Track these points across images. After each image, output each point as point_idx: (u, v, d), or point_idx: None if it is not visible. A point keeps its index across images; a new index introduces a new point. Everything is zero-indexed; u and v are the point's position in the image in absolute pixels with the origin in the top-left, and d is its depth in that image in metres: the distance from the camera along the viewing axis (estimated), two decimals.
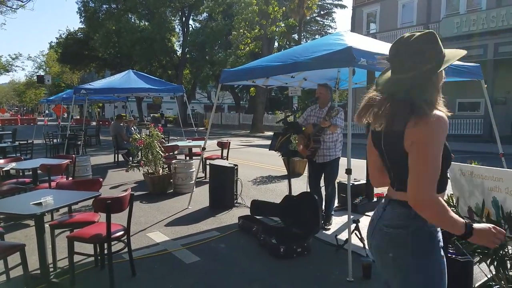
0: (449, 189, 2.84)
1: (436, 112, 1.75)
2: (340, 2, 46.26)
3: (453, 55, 1.83)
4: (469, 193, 2.64)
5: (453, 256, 3.11)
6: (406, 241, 1.76)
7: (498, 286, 2.48)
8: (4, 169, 6.32)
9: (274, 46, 30.39)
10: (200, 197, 7.50)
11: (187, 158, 9.85)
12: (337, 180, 5.86)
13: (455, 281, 3.19)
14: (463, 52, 1.84)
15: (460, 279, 3.22)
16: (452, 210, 2.70)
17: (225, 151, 10.03)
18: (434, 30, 19.98)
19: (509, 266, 2.37)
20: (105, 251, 3.82)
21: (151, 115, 47.80)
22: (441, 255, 1.84)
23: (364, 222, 5.83)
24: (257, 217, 5.84)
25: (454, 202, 2.74)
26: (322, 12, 46.63)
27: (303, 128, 5.66)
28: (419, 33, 1.83)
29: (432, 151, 1.67)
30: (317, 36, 45.03)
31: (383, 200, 1.96)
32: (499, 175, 2.43)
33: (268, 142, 6.21)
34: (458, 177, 2.71)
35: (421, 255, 1.78)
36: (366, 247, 4.49)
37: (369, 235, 2.00)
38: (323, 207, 5.72)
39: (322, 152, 5.48)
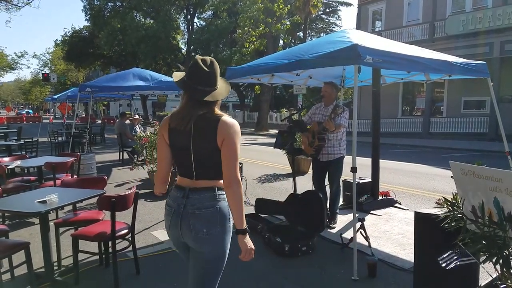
0: (454, 188, 2.83)
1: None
2: (345, 0, 46.01)
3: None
4: (472, 192, 2.62)
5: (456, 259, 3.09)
6: (215, 217, 2.27)
7: (505, 285, 2.46)
8: (9, 167, 6.35)
9: (279, 44, 30.34)
10: None
11: None
12: (342, 178, 5.84)
13: (461, 280, 3.18)
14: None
15: (466, 278, 3.20)
16: (457, 210, 2.70)
17: None
18: (440, 27, 20.05)
19: None
20: (110, 249, 3.83)
21: (156, 113, 47.89)
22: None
23: (370, 220, 5.83)
24: (262, 215, 5.84)
25: (459, 201, 2.72)
26: (327, 10, 46.47)
27: (308, 127, 5.64)
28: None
29: None
30: (322, 34, 44.91)
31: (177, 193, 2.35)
32: (499, 175, 2.41)
33: (273, 140, 6.19)
34: (461, 177, 2.69)
35: (225, 227, 2.37)
36: (372, 245, 4.49)
37: (173, 225, 2.33)
38: (328, 205, 5.70)
39: (326, 150, 5.46)
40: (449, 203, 2.76)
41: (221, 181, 2.22)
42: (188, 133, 2.21)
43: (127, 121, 13.17)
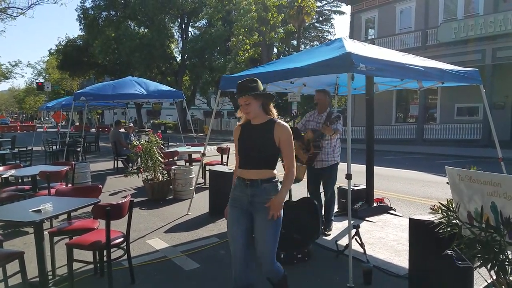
0: (448, 194, 2.85)
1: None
2: (338, 9, 46.36)
3: None
4: (468, 198, 2.63)
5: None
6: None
7: None
8: (3, 176, 6.31)
9: (273, 52, 30.48)
10: (200, 203, 7.49)
11: (187, 164, 9.85)
12: (337, 185, 5.86)
13: (456, 286, 3.19)
14: None
15: (460, 284, 3.21)
16: (452, 215, 2.71)
17: (225, 157, 10.02)
18: (432, 35, 20.21)
19: (509, 271, 2.36)
20: (105, 259, 3.81)
21: (151, 121, 47.82)
22: None
23: (365, 227, 5.84)
24: None
25: (454, 207, 2.73)
26: (321, 18, 46.80)
27: (302, 134, 5.66)
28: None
29: None
30: (315, 42, 45.18)
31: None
32: (497, 180, 2.43)
33: None
34: (457, 182, 2.71)
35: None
36: (367, 252, 4.49)
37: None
38: (323, 212, 5.70)
39: (320, 157, 5.48)
40: (444, 209, 2.78)
41: None
42: None
43: (122, 130, 13.13)
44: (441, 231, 2.71)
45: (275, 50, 32.25)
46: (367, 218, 6.36)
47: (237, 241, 3.08)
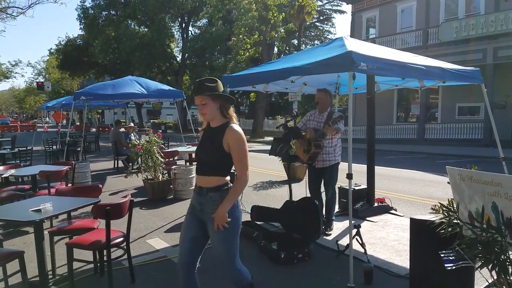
0: (449, 194, 2.84)
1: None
2: (339, 8, 46.31)
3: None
4: (469, 198, 2.62)
5: (453, 261, 3.09)
6: None
7: None
8: (3, 176, 6.31)
9: (274, 52, 30.46)
10: None
11: (187, 164, 9.84)
12: (338, 185, 5.84)
13: (457, 286, 3.18)
14: None
15: (461, 284, 3.20)
16: (453, 215, 2.70)
17: None
18: (434, 34, 20.19)
19: (510, 271, 2.35)
20: (105, 258, 3.80)
21: (151, 121, 47.82)
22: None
23: (365, 227, 5.83)
24: (258, 222, 5.82)
25: (455, 207, 2.72)
26: (321, 18, 46.76)
27: (303, 133, 5.65)
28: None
29: None
30: (316, 42, 45.16)
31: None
32: (498, 180, 2.42)
33: (268, 147, 6.20)
34: (458, 182, 2.70)
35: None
36: (368, 252, 4.48)
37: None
38: (324, 212, 5.69)
39: (321, 157, 5.47)
40: (445, 209, 2.76)
41: None
42: None
43: (122, 129, 13.12)
44: (442, 231, 2.70)
45: (275, 49, 32.21)
46: (368, 218, 6.35)
47: (182, 246, 3.04)
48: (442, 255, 2.64)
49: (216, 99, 2.90)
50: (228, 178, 2.99)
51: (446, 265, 2.58)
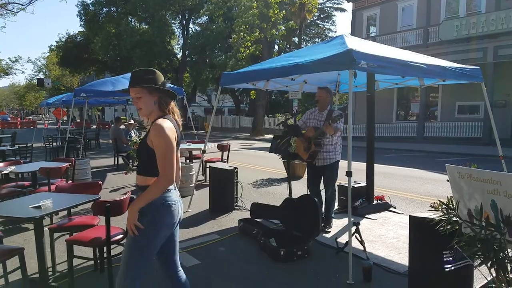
0: (448, 192, 2.84)
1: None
2: (340, 6, 46.27)
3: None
4: (469, 195, 2.63)
5: (452, 260, 3.10)
6: None
7: None
8: (3, 173, 6.31)
9: (275, 49, 30.43)
10: (200, 200, 7.49)
11: (187, 161, 9.85)
12: (337, 183, 5.86)
13: (456, 283, 3.19)
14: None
15: (460, 282, 3.21)
16: (452, 213, 2.71)
17: (225, 154, 10.02)
18: (434, 33, 20.18)
19: (509, 268, 2.36)
20: (105, 255, 3.81)
21: None
22: None
23: (365, 224, 5.84)
24: (257, 220, 5.83)
25: (454, 204, 2.73)
26: (322, 16, 46.72)
27: (303, 132, 5.65)
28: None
29: None
30: (317, 39, 45.11)
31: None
32: (498, 178, 2.42)
33: (268, 145, 6.20)
34: (458, 180, 2.70)
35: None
36: (367, 250, 4.50)
37: (179, 215, 2.85)
38: (323, 209, 5.70)
39: (322, 155, 5.48)
40: (444, 207, 2.77)
41: None
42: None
43: (122, 126, 13.12)
44: (441, 228, 2.71)
45: (276, 47, 32.18)
46: (367, 216, 6.36)
47: None
48: (444, 256, 2.65)
49: (154, 92, 2.62)
50: None
51: (445, 266, 2.59)
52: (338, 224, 5.90)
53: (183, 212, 2.85)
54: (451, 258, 2.68)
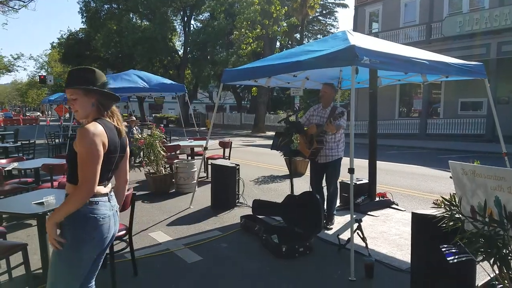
0: (451, 188, 2.84)
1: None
2: (342, 2, 46.29)
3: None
4: (472, 192, 2.62)
5: (456, 255, 3.09)
6: None
7: (501, 285, 2.46)
8: (6, 169, 6.32)
9: (276, 46, 30.37)
10: (202, 196, 7.50)
11: (189, 158, 9.86)
12: (339, 180, 5.85)
13: (458, 280, 3.18)
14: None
15: (463, 278, 3.21)
16: (455, 209, 2.70)
17: (227, 151, 10.02)
18: (437, 29, 20.09)
19: None
20: (107, 251, 3.81)
21: (153, 115, 47.83)
22: None
23: (367, 221, 5.84)
24: (259, 216, 5.84)
25: (457, 201, 2.72)
26: (324, 12, 46.55)
27: (306, 128, 5.64)
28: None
29: None
30: (319, 36, 44.99)
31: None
32: (501, 174, 2.41)
33: (270, 142, 6.21)
34: (461, 176, 2.70)
35: None
36: (369, 246, 4.50)
37: (113, 228, 2.47)
38: (325, 206, 5.70)
39: (324, 152, 5.47)
40: (446, 203, 2.76)
41: None
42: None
43: (124, 123, 13.12)
44: (444, 225, 2.70)
45: (278, 43, 32.09)
46: (369, 213, 6.36)
47: None
48: (443, 249, 2.64)
49: (90, 93, 2.33)
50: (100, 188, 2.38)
51: (448, 258, 2.58)
52: (340, 221, 5.90)
53: (117, 228, 2.55)
54: (453, 252, 2.67)
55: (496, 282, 2.50)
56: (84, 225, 2.27)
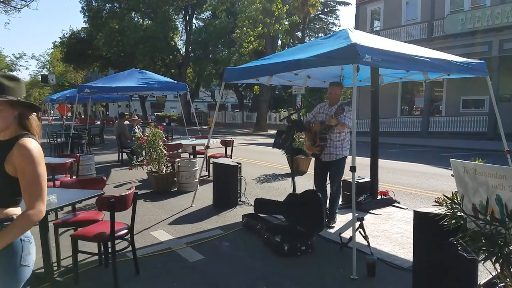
0: (453, 187, 2.83)
1: None
2: (344, 0, 46.00)
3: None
4: (473, 190, 2.61)
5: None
6: None
7: (503, 283, 2.46)
8: None
9: (278, 44, 30.34)
10: (204, 195, 7.50)
11: (191, 156, 9.86)
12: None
13: (460, 279, 3.18)
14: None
15: (465, 277, 3.20)
16: (456, 207, 2.69)
17: (228, 150, 10.02)
18: (439, 27, 20.04)
19: None
20: (109, 250, 3.83)
21: (155, 114, 47.87)
22: None
23: (369, 220, 5.83)
24: (261, 215, 5.84)
25: (459, 199, 2.71)
26: (326, 10, 46.53)
27: (312, 125, 5.64)
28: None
29: None
30: (320, 34, 44.96)
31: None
32: (503, 172, 2.40)
33: (272, 140, 6.20)
34: (462, 175, 2.69)
35: None
36: (371, 245, 4.49)
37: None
38: (328, 205, 5.70)
39: (328, 150, 5.47)
40: (448, 201, 2.76)
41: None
42: None
43: (126, 122, 13.16)
44: (446, 223, 2.70)
45: (279, 42, 32.04)
46: (371, 211, 6.35)
47: None
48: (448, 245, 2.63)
49: (16, 105, 2.11)
50: (17, 210, 2.23)
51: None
52: (342, 219, 5.90)
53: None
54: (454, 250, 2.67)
55: (498, 281, 2.49)
56: (20, 251, 2.18)
